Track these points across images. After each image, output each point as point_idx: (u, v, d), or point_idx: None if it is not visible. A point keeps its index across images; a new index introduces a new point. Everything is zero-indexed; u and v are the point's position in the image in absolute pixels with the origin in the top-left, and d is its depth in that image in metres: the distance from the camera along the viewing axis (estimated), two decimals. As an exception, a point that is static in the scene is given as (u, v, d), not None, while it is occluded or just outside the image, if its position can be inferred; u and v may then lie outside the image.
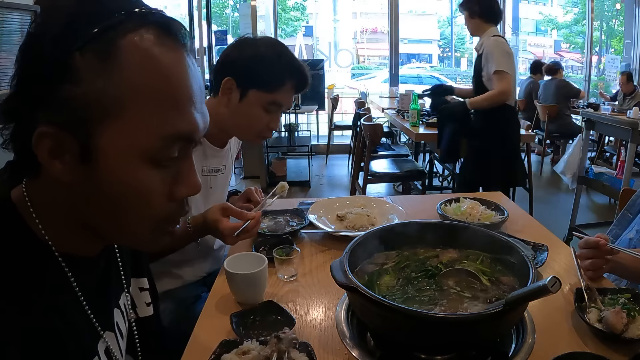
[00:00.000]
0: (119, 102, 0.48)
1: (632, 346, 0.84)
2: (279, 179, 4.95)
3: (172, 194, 0.54)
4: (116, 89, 0.48)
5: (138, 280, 0.78)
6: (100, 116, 0.48)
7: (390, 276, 0.94)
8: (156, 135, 0.50)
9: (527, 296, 0.73)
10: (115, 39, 0.48)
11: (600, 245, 1.07)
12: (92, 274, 0.60)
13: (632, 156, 2.96)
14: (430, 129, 3.39)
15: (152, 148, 0.50)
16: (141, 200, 0.52)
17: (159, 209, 0.54)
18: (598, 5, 9.73)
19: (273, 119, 1.29)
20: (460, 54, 15.04)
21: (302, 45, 11.05)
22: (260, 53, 1.23)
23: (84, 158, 0.49)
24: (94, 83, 0.47)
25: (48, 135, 0.48)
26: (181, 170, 0.55)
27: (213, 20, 6.48)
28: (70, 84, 0.46)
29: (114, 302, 0.67)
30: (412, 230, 1.03)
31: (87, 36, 0.47)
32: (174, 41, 0.52)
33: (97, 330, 0.59)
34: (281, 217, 1.47)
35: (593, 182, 3.31)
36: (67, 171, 0.50)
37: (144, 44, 0.49)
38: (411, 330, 0.77)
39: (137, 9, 0.50)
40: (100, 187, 0.51)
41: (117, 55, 0.47)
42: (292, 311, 0.96)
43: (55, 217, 0.54)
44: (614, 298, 0.97)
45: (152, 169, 0.52)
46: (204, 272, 1.45)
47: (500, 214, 1.46)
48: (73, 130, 0.48)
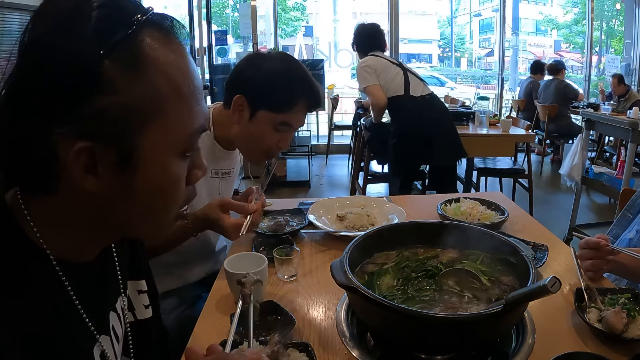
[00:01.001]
0: (157, 105, 0.49)
1: (632, 346, 0.84)
2: (279, 179, 4.96)
3: (189, 179, 0.58)
4: (152, 92, 0.49)
5: (136, 283, 0.77)
6: (142, 122, 0.49)
7: (390, 276, 0.94)
8: (189, 130, 0.54)
9: (527, 296, 0.73)
10: (138, 44, 0.48)
11: (601, 246, 1.07)
12: (87, 278, 0.60)
13: (632, 156, 2.96)
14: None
15: (184, 143, 0.54)
16: (173, 191, 0.56)
17: (182, 196, 0.58)
18: (598, 5, 9.73)
19: (283, 139, 1.26)
20: (460, 54, 15.06)
21: (302, 45, 11.06)
22: (272, 73, 1.20)
23: (122, 166, 0.49)
24: (130, 90, 0.47)
25: (84, 151, 0.46)
26: (194, 157, 0.59)
27: (213, 20, 6.48)
28: (104, 94, 0.45)
29: (110, 306, 0.66)
30: (412, 230, 1.04)
31: (112, 43, 0.46)
32: (178, 40, 0.54)
33: (92, 334, 0.59)
34: (281, 217, 1.47)
35: (593, 182, 3.31)
36: (100, 183, 0.49)
37: (163, 45, 0.51)
38: (411, 330, 0.77)
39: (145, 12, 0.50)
40: (135, 189, 0.52)
41: (145, 59, 0.48)
42: (292, 311, 0.96)
43: (56, 224, 0.53)
44: (614, 298, 0.97)
45: (181, 161, 0.55)
46: (205, 273, 1.45)
47: (500, 214, 1.46)
48: (112, 141, 0.47)
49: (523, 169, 3.75)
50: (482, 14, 14.51)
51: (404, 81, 3.05)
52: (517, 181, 4.03)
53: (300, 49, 10.55)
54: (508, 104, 7.18)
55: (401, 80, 3.05)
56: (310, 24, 12.36)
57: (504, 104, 7.20)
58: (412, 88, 3.06)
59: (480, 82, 12.53)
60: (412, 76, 3.08)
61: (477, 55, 15.10)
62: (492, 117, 3.61)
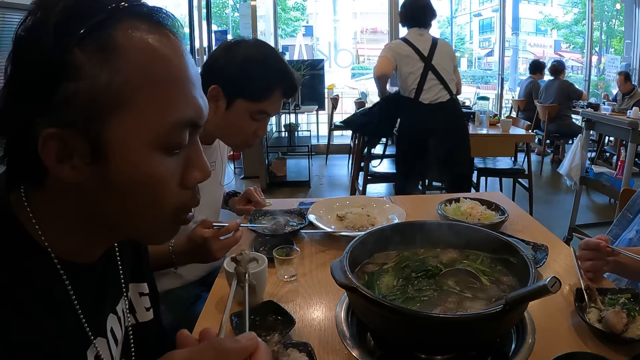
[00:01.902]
0: (126, 93, 0.47)
1: (632, 346, 0.84)
2: (279, 179, 4.97)
3: (184, 181, 0.54)
4: (121, 80, 0.47)
5: (137, 285, 0.76)
6: (109, 109, 0.47)
7: (390, 276, 0.94)
8: (166, 122, 0.50)
9: (527, 296, 0.73)
10: (112, 31, 0.47)
11: (601, 247, 1.07)
12: (89, 279, 0.59)
13: (632, 156, 2.96)
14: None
15: (163, 135, 0.50)
16: (156, 190, 0.52)
17: (173, 198, 0.54)
18: (598, 5, 9.73)
19: (260, 127, 1.26)
20: (460, 53, 15.03)
21: (302, 45, 11.06)
22: (247, 62, 1.18)
23: (95, 156, 0.48)
24: (98, 77, 0.46)
25: (54, 137, 0.46)
26: (190, 156, 0.55)
27: (213, 20, 6.48)
28: (72, 81, 0.45)
29: (109, 308, 0.66)
30: (412, 230, 1.03)
31: (84, 31, 0.46)
32: (166, 29, 0.52)
33: (87, 336, 0.58)
34: (281, 217, 1.47)
35: (593, 182, 3.31)
36: (76, 174, 0.49)
37: (140, 33, 0.49)
38: (411, 330, 0.77)
39: (125, 2, 0.49)
40: (113, 183, 0.50)
41: (116, 46, 0.47)
42: (292, 311, 0.96)
43: (56, 222, 0.53)
44: (614, 298, 0.97)
45: (164, 157, 0.51)
46: (204, 272, 1.45)
47: (500, 214, 1.46)
48: (80, 128, 0.47)
49: (523, 169, 3.75)
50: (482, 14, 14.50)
51: (417, 82, 2.91)
52: (517, 181, 4.03)
53: (300, 49, 10.54)
54: (508, 104, 7.18)
55: (415, 81, 2.91)
56: (310, 24, 12.35)
57: (504, 104, 7.21)
58: (425, 92, 2.91)
59: (480, 82, 12.52)
60: (431, 78, 2.91)
61: (477, 55, 15.09)
62: (492, 117, 3.62)
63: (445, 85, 2.94)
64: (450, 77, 2.96)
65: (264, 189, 4.57)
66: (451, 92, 2.96)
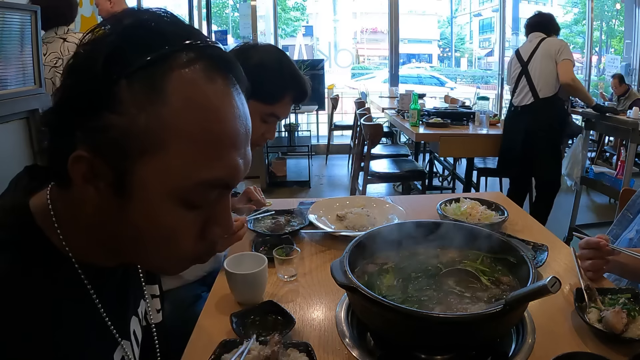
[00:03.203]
0: (160, 140, 0.45)
1: (632, 346, 0.84)
2: (279, 179, 4.97)
3: (203, 234, 0.52)
4: (158, 126, 0.45)
5: (150, 287, 0.77)
6: (139, 151, 0.46)
7: (390, 276, 0.94)
8: (193, 179, 0.47)
9: (527, 296, 0.73)
10: (165, 71, 0.45)
11: (601, 246, 1.07)
12: (110, 282, 0.59)
13: (633, 156, 2.96)
14: (431, 129, 3.40)
15: (185, 190, 0.48)
16: (170, 239, 0.51)
17: (187, 249, 0.52)
18: (598, 5, 9.73)
19: (269, 129, 1.28)
20: (460, 54, 15.04)
21: (302, 45, 11.05)
22: (263, 65, 1.20)
23: (118, 189, 0.47)
24: (137, 116, 0.45)
25: (84, 160, 0.46)
26: (216, 212, 0.52)
27: (213, 20, 6.48)
28: (112, 112, 0.44)
29: (132, 310, 0.66)
30: (412, 230, 1.03)
31: (136, 65, 0.44)
32: (225, 79, 0.49)
33: (115, 339, 0.59)
34: (281, 217, 1.47)
35: (593, 182, 3.31)
36: (99, 197, 0.48)
37: (195, 80, 0.46)
38: (411, 330, 0.77)
39: (192, 41, 0.47)
40: (130, 219, 0.49)
41: (164, 89, 0.45)
42: (292, 311, 0.96)
43: (77, 227, 0.53)
44: (614, 298, 0.97)
45: (185, 210, 0.49)
46: (204, 272, 1.45)
47: (500, 214, 1.46)
48: (109, 159, 0.46)
49: (523, 169, 3.74)
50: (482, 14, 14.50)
51: (513, 85, 3.18)
52: (517, 181, 4.02)
53: (300, 49, 10.53)
54: (508, 104, 7.17)
55: (513, 84, 3.19)
56: (310, 24, 12.35)
57: (504, 104, 7.20)
58: (516, 94, 3.15)
59: (480, 82, 12.52)
60: (523, 81, 3.13)
61: (477, 55, 15.09)
62: (492, 117, 3.61)
63: (532, 89, 3.12)
64: (546, 79, 3.08)
65: (264, 189, 4.56)
66: (537, 95, 3.11)
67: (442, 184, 4.88)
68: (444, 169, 5.01)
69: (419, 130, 3.39)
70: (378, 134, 3.49)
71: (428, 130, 3.39)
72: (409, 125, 3.51)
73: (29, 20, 1.89)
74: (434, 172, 4.89)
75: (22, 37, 1.87)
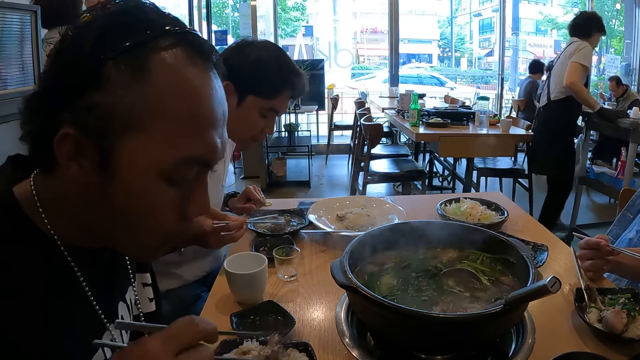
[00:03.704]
0: (144, 118, 0.48)
1: (632, 346, 0.84)
2: (279, 179, 4.97)
3: (183, 213, 0.55)
4: (143, 105, 0.48)
5: (142, 276, 0.79)
6: (123, 128, 0.48)
7: (390, 276, 0.94)
8: (175, 156, 0.50)
9: (527, 296, 0.73)
10: (149, 53, 0.48)
11: (601, 246, 1.07)
12: (97, 266, 0.61)
13: (633, 156, 2.96)
14: (431, 129, 3.40)
15: (169, 167, 0.50)
16: (151, 216, 0.53)
17: (167, 226, 0.54)
18: (598, 5, 9.71)
19: (268, 124, 1.30)
20: (460, 54, 15.05)
21: (302, 45, 11.06)
22: (262, 60, 1.22)
23: (102, 166, 0.49)
24: (122, 95, 0.47)
25: (70, 138, 0.48)
26: (194, 191, 0.55)
27: (213, 20, 6.48)
28: (98, 92, 0.47)
29: (119, 296, 0.68)
30: (412, 230, 1.03)
31: (121, 47, 0.47)
32: (204, 63, 0.52)
33: (103, 323, 0.60)
34: (281, 217, 1.47)
35: (594, 182, 3.31)
36: (83, 175, 0.50)
37: (177, 62, 0.49)
38: (411, 330, 0.77)
39: (173, 27, 0.50)
40: (113, 197, 0.51)
41: (148, 70, 0.48)
42: (292, 311, 0.96)
43: (62, 211, 0.54)
44: (614, 298, 0.97)
45: (166, 186, 0.52)
46: (204, 272, 1.45)
47: (500, 214, 1.46)
48: (94, 137, 0.48)
49: (523, 169, 3.75)
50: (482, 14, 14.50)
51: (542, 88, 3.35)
52: (517, 181, 4.02)
53: (300, 49, 10.53)
54: (508, 104, 7.17)
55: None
56: (310, 24, 12.34)
57: (504, 104, 7.20)
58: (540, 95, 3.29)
59: (480, 82, 12.52)
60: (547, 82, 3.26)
61: (477, 55, 15.08)
62: (492, 117, 3.61)
63: (548, 91, 3.29)
64: (557, 81, 3.20)
65: (264, 189, 4.57)
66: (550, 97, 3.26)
67: (442, 184, 4.88)
68: (444, 169, 5.01)
69: (419, 130, 3.38)
70: (378, 134, 3.49)
71: (428, 130, 3.39)
72: (409, 125, 3.51)
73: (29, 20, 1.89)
74: (434, 172, 4.89)
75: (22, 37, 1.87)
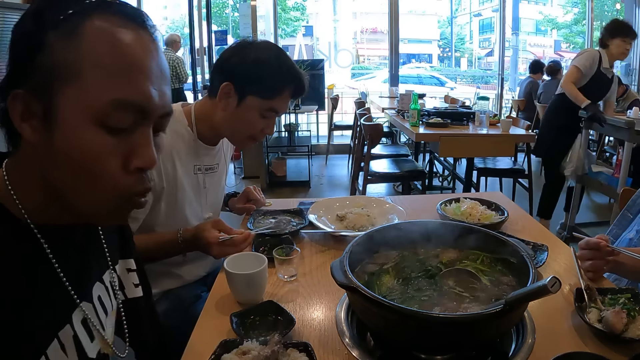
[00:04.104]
0: (77, 69, 0.53)
1: (632, 346, 0.84)
2: (279, 179, 4.97)
3: (126, 165, 0.57)
4: (77, 57, 0.53)
5: (125, 261, 0.80)
6: (62, 80, 0.53)
7: (390, 276, 0.94)
8: (105, 97, 0.54)
9: (527, 296, 0.73)
10: (84, 19, 0.54)
11: (601, 247, 1.07)
12: (68, 244, 0.64)
13: (629, 155, 2.98)
14: (431, 129, 3.40)
15: (100, 109, 0.54)
16: (93, 166, 0.55)
17: (114, 179, 0.57)
18: (598, 5, 9.72)
19: (268, 124, 1.30)
20: (460, 54, 15.05)
21: (302, 45, 11.06)
22: (262, 61, 1.23)
23: (47, 120, 0.54)
24: (61, 52, 0.53)
25: (19, 98, 0.54)
26: (136, 142, 0.58)
27: (213, 20, 6.48)
28: (42, 55, 0.53)
29: (95, 276, 0.69)
30: (412, 230, 1.03)
31: (60, 18, 0.54)
32: (137, 26, 0.57)
33: (72, 299, 0.62)
34: (281, 217, 1.47)
35: (591, 181, 3.32)
36: (34, 134, 0.55)
37: (105, 24, 0.55)
38: (411, 330, 0.77)
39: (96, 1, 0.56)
40: (59, 152, 0.55)
41: (82, 32, 0.54)
42: (292, 311, 0.96)
43: (30, 186, 0.58)
44: (614, 298, 0.97)
45: (103, 134, 0.55)
46: (204, 272, 1.45)
47: (500, 214, 1.46)
48: (39, 93, 0.54)
49: (523, 169, 3.75)
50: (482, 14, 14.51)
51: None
52: (517, 181, 4.02)
53: (300, 49, 10.54)
54: (508, 104, 7.18)
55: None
56: (310, 24, 12.35)
57: (504, 104, 7.20)
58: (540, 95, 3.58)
59: (480, 82, 12.52)
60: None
61: (477, 55, 15.09)
62: (492, 117, 3.61)
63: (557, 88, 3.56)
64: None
65: (264, 189, 4.57)
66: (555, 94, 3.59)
67: (442, 184, 4.88)
68: (444, 169, 5.01)
69: (419, 130, 3.38)
70: (378, 134, 3.49)
71: (428, 130, 3.39)
72: (409, 125, 3.51)
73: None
74: (434, 172, 4.89)
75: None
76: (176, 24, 12.00)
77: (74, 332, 0.61)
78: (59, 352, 0.58)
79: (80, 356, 0.61)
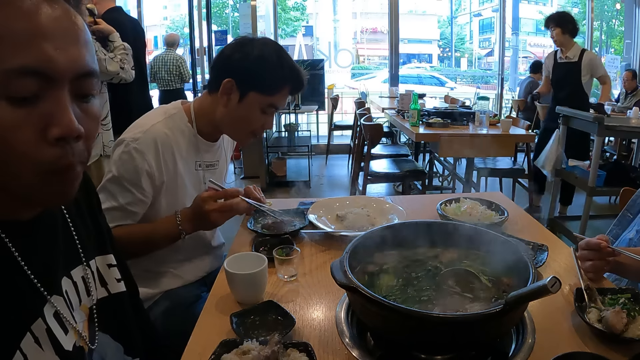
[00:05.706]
0: None
1: (632, 346, 0.84)
2: (279, 179, 4.97)
3: (45, 137, 0.53)
4: None
5: (105, 257, 0.79)
6: None
7: (390, 276, 0.94)
8: (3, 66, 0.49)
9: (527, 296, 0.73)
10: None
11: (602, 247, 1.07)
12: (30, 238, 0.62)
13: (599, 149, 3.06)
14: (430, 129, 3.40)
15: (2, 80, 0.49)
16: (6, 142, 0.51)
17: (29, 154, 0.52)
18: (598, 5, 9.73)
19: (268, 120, 1.32)
20: (460, 54, 15.06)
21: (302, 45, 11.06)
22: (263, 57, 1.24)
23: None
24: None
25: None
26: (51, 111, 0.53)
27: (213, 20, 6.49)
28: None
29: (62, 271, 0.67)
30: (412, 230, 1.03)
31: None
32: None
33: (41, 294, 0.61)
34: (281, 217, 1.47)
35: (567, 174, 3.37)
36: None
37: None
38: (411, 330, 0.77)
39: None
40: None
41: None
42: (292, 311, 0.96)
43: None
44: (614, 298, 0.97)
45: (7, 106, 0.50)
46: (204, 272, 1.45)
47: (500, 214, 1.46)
48: None
49: (523, 169, 3.76)
50: (482, 14, 14.51)
51: None
52: (517, 181, 4.03)
53: (300, 49, 10.54)
54: (508, 104, 7.18)
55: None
56: (310, 24, 12.36)
57: (504, 104, 7.21)
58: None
59: (480, 82, 12.53)
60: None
61: (477, 55, 15.10)
62: (492, 117, 3.62)
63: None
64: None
65: (264, 188, 4.57)
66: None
67: (442, 184, 4.88)
68: (444, 169, 5.01)
69: (419, 130, 3.39)
70: (378, 134, 3.50)
71: (428, 130, 3.40)
72: (409, 125, 3.51)
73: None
74: (434, 172, 4.89)
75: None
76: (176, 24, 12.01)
77: (46, 325, 0.60)
78: (34, 346, 0.58)
79: (56, 349, 0.61)
